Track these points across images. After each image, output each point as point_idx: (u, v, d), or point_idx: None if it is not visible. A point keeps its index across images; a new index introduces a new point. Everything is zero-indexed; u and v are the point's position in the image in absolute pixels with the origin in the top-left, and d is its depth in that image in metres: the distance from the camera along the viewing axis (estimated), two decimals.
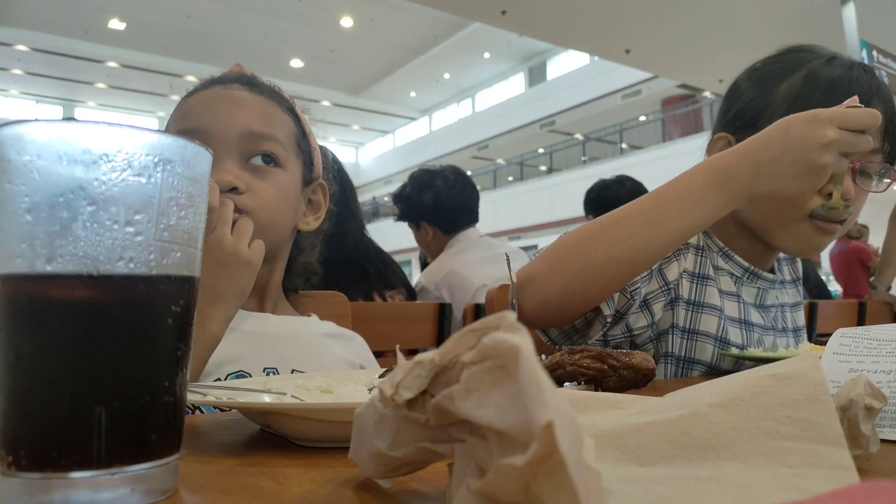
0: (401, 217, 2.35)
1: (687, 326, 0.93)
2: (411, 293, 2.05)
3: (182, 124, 0.80)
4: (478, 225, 2.33)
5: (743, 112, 0.96)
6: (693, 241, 0.97)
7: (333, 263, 1.73)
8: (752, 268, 0.99)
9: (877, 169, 0.92)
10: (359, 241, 1.86)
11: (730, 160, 0.76)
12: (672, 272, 0.94)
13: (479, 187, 2.54)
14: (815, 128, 0.72)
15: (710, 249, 0.99)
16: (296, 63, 18.85)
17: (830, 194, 0.87)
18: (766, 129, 0.76)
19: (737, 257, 0.99)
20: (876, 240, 3.84)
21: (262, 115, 0.83)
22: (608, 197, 2.62)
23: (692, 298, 0.94)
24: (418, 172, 2.33)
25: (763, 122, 0.93)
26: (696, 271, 0.96)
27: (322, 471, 0.36)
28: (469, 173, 2.46)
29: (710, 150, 1.00)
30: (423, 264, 3.70)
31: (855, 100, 0.76)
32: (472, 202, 2.28)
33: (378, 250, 1.96)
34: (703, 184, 0.76)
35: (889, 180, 0.93)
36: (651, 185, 2.89)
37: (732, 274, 0.99)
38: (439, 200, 2.22)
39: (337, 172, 1.70)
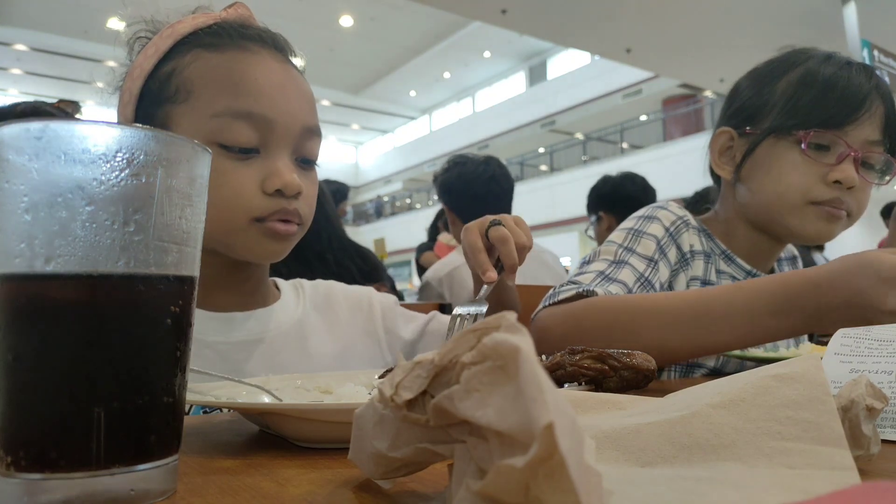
0: None
1: None
2: (394, 288, 2.05)
3: (247, 103, 0.68)
4: None
5: (743, 108, 0.98)
6: (699, 247, 0.98)
7: (317, 264, 1.73)
8: (754, 270, 0.99)
9: (879, 160, 0.93)
10: (335, 240, 1.85)
11: (799, 290, 0.70)
12: (680, 283, 0.94)
13: None
14: (881, 291, 0.65)
15: (714, 254, 0.99)
16: (295, 62, 18.81)
17: (835, 181, 0.88)
18: (836, 267, 0.69)
19: (738, 260, 0.99)
20: None
21: (313, 106, 0.76)
22: (623, 194, 2.52)
23: None
24: (453, 156, 2.35)
25: (761, 116, 0.94)
26: (703, 277, 0.96)
27: (321, 472, 0.36)
28: None
29: (713, 143, 1.02)
30: (417, 266, 3.70)
31: None
32: (486, 193, 2.22)
33: (359, 249, 1.96)
34: (765, 306, 0.71)
35: (893, 173, 0.94)
36: (652, 184, 2.84)
37: (734, 277, 0.99)
38: (451, 184, 2.23)
39: None
